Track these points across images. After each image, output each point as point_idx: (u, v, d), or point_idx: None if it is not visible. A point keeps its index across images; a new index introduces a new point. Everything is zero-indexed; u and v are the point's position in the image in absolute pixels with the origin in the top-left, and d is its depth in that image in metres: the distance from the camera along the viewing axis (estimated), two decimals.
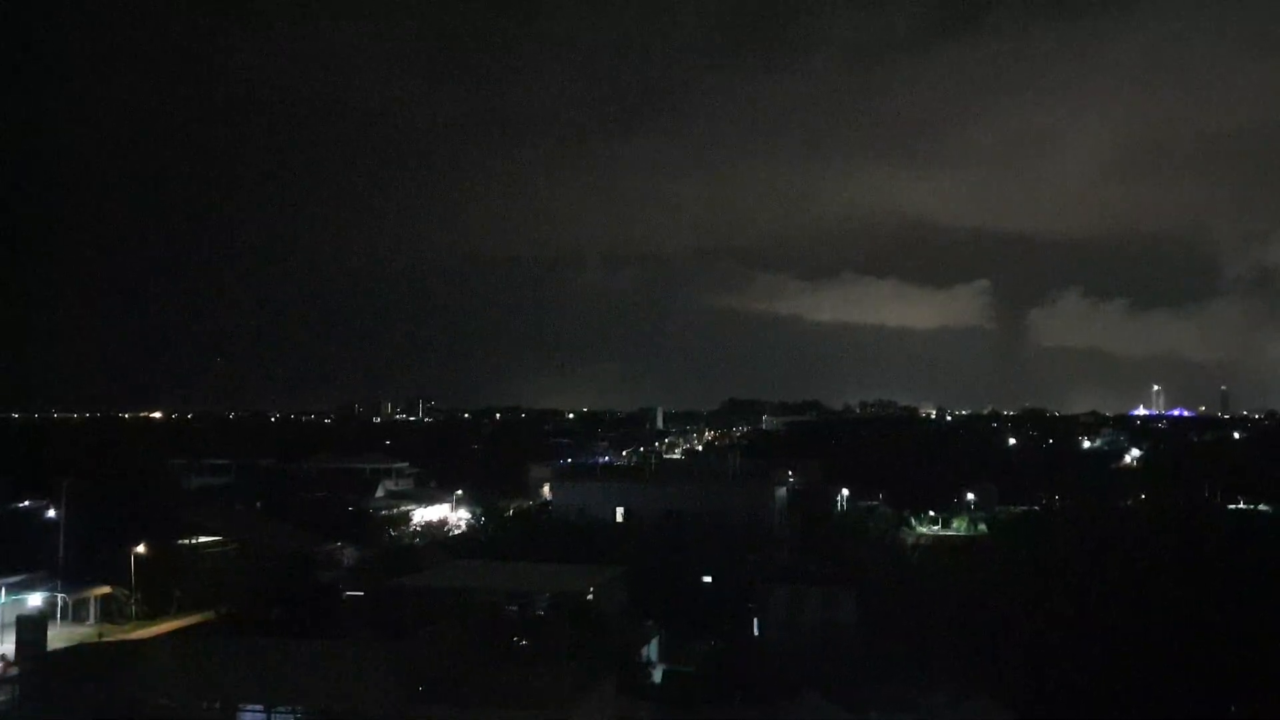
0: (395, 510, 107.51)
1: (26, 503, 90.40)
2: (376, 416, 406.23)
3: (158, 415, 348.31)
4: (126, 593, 65.52)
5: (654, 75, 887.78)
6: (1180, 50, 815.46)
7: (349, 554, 79.51)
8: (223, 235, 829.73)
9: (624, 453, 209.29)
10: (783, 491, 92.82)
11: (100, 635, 56.95)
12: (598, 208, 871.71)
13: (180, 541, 73.14)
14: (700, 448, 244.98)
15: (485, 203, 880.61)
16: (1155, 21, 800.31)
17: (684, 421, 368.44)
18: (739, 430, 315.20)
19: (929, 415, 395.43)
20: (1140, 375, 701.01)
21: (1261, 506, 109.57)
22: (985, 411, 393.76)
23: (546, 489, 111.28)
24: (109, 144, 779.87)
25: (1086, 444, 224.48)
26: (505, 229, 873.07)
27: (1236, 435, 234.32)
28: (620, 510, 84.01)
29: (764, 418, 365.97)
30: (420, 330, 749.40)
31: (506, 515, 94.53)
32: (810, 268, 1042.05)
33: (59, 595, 62.22)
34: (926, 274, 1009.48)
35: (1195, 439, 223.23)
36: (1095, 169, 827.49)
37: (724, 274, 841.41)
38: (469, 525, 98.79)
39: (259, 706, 34.01)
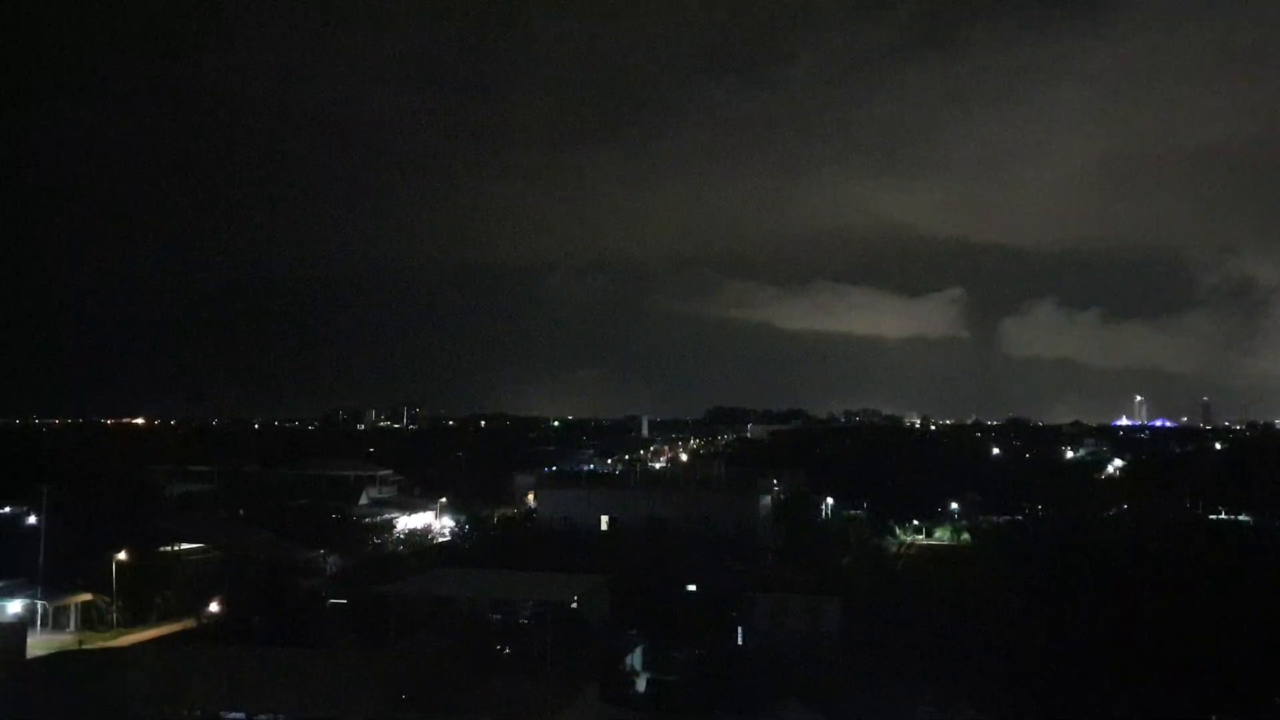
0: (378, 518, 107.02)
1: (7, 509, 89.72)
2: (360, 424, 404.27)
3: (140, 422, 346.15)
4: (107, 600, 65.09)
5: (633, 84, 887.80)
6: (1156, 65, 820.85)
7: (332, 561, 79.36)
8: (206, 242, 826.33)
9: (609, 461, 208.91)
10: (767, 500, 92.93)
11: (81, 643, 56.52)
12: (574, 215, 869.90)
13: (162, 549, 72.68)
14: (685, 456, 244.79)
15: (466, 210, 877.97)
16: (1132, 36, 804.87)
17: (669, 430, 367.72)
18: (724, 438, 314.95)
19: (913, 425, 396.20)
20: (1120, 386, 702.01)
21: (1241, 517, 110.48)
22: (969, 421, 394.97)
23: (531, 497, 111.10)
24: (92, 153, 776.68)
25: (1069, 454, 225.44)
26: (485, 236, 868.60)
27: (1218, 446, 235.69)
28: (605, 518, 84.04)
29: (749, 426, 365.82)
30: (404, 337, 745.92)
31: (490, 523, 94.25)
32: (782, 275, 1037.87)
33: (39, 602, 61.83)
34: (899, 282, 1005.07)
35: (1177, 449, 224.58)
36: (1071, 181, 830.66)
37: (693, 280, 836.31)
38: (453, 533, 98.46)
39: (241, 715, 33.86)
